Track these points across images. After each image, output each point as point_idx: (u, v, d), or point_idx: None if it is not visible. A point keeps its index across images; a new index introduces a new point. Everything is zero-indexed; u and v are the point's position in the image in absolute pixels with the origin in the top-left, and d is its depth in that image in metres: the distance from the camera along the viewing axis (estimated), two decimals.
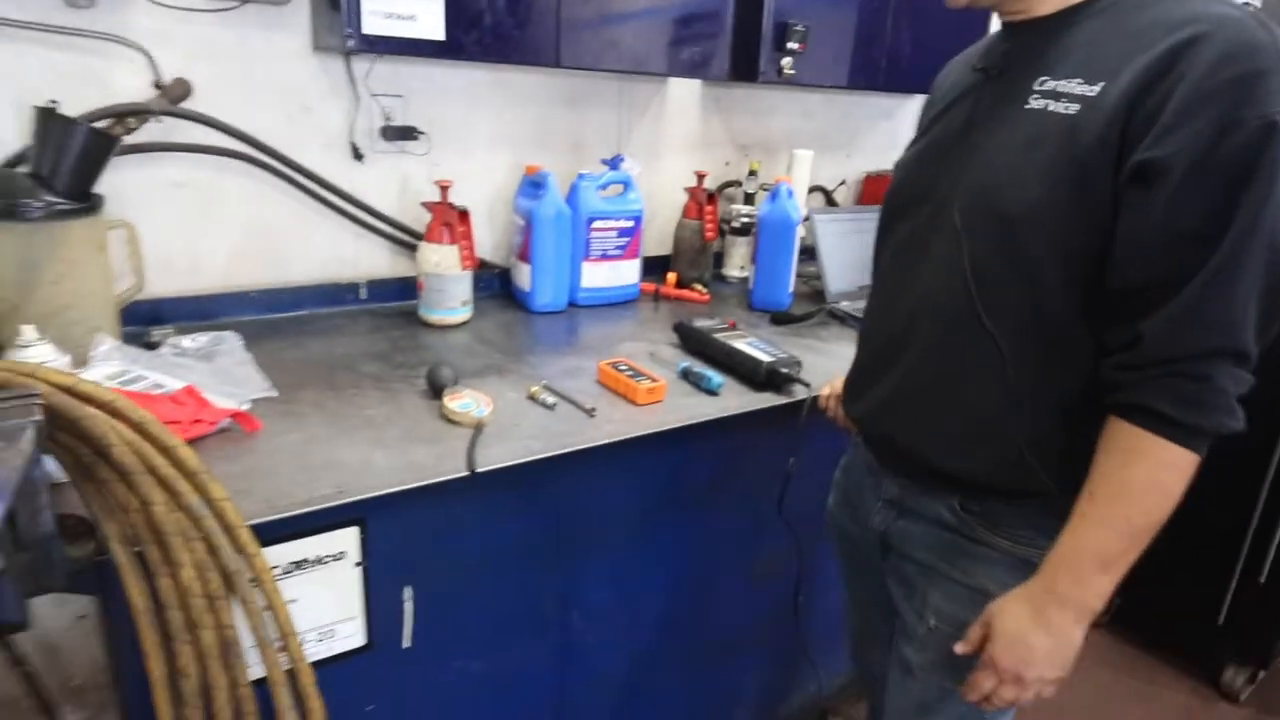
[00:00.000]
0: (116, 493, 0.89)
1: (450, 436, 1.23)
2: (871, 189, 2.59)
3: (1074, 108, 0.85)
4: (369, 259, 1.81)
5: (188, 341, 1.45)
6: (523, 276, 1.83)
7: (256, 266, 1.68)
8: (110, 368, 1.29)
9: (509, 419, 1.30)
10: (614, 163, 1.93)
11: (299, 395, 1.33)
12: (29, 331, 1.03)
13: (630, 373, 1.43)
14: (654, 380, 1.41)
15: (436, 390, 1.34)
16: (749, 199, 2.25)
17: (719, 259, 2.25)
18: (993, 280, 0.92)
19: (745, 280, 2.21)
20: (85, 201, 1.32)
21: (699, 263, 2.10)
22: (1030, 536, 1.00)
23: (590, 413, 1.34)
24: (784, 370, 1.49)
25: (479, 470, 1.14)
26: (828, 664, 1.81)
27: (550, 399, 1.36)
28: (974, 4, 0.97)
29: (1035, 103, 0.89)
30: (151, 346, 1.43)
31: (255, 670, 0.98)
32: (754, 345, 1.57)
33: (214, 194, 1.61)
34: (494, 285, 1.94)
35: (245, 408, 1.24)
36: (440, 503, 1.13)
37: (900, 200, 1.11)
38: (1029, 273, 0.90)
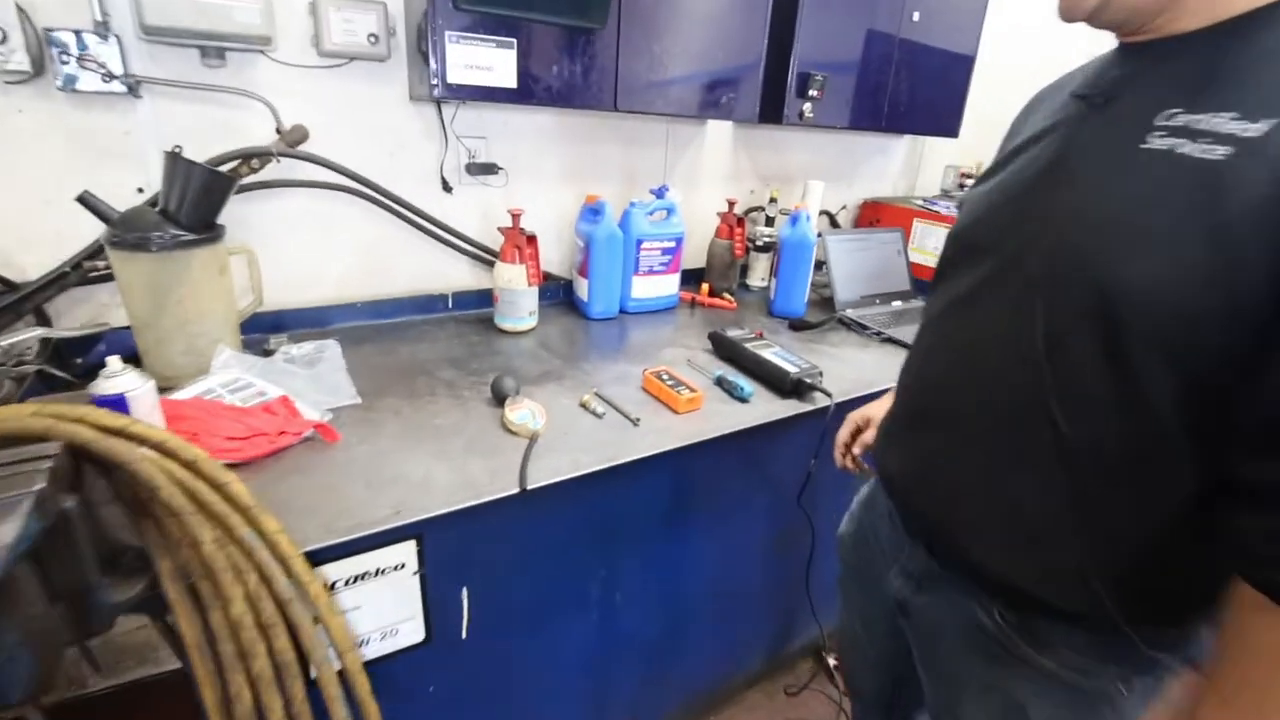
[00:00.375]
0: (170, 529, 0.64)
1: (507, 448, 0.95)
2: (868, 213, 2.21)
3: (1221, 152, 0.46)
4: (455, 273, 1.53)
5: (297, 350, 1.19)
6: (582, 289, 1.53)
7: (363, 280, 1.42)
8: (227, 375, 1.05)
9: (561, 428, 1.02)
10: (660, 192, 1.60)
11: (380, 402, 1.06)
12: (114, 363, 0.77)
13: (671, 382, 1.13)
14: (693, 391, 1.11)
15: (500, 399, 1.06)
16: (769, 221, 1.90)
17: (744, 271, 1.92)
18: (1073, 363, 0.54)
19: (766, 290, 1.88)
20: (207, 232, 1.06)
21: (728, 275, 1.77)
22: (1085, 663, 0.61)
23: (635, 422, 1.05)
24: (808, 380, 1.17)
25: (530, 488, 0.86)
26: (827, 616, 1.52)
27: (599, 408, 1.07)
28: (1095, 17, 0.56)
29: (1158, 142, 0.50)
30: (268, 354, 1.18)
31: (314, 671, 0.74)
32: (780, 355, 1.26)
33: (329, 221, 1.34)
34: (559, 295, 1.65)
35: (328, 419, 0.98)
36: (494, 514, 0.86)
37: (962, 245, 0.70)
38: (1127, 364, 0.51)
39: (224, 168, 1.16)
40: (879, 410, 0.93)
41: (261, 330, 1.27)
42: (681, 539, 1.18)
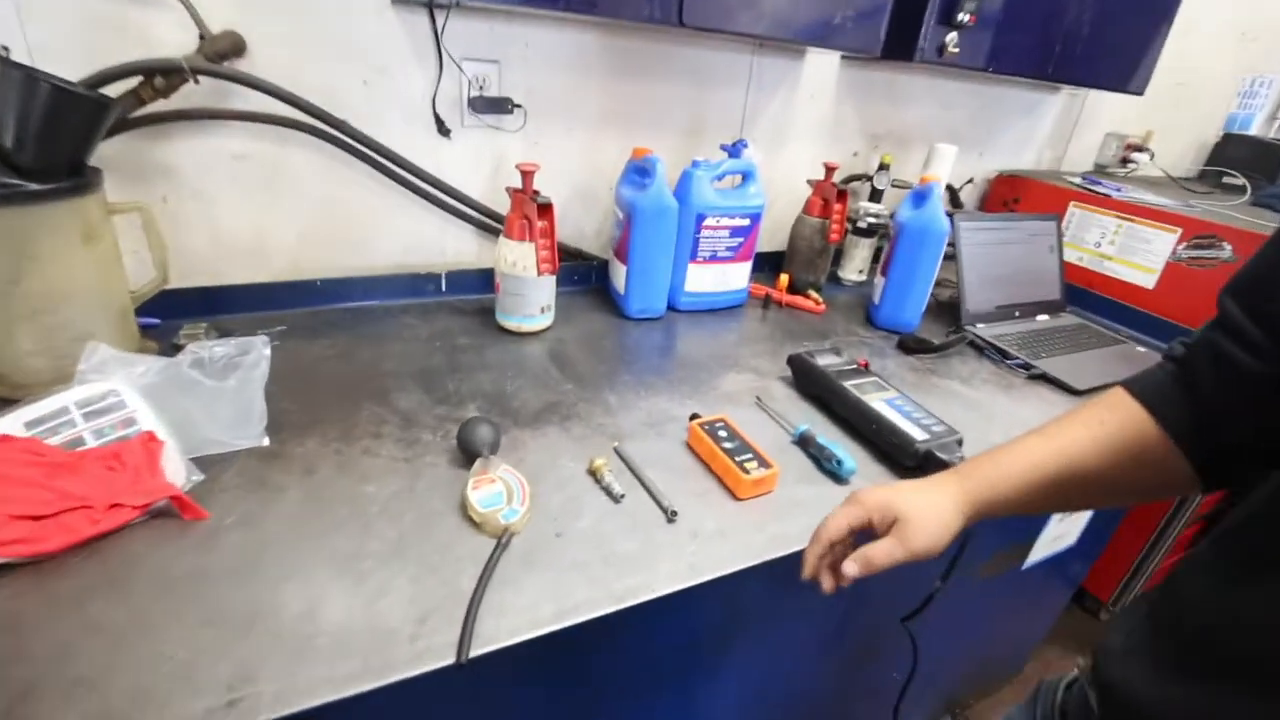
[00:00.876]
0: None
1: (462, 553, 0.60)
2: (1002, 191, 1.72)
3: None
4: (455, 245, 1.17)
5: (213, 349, 0.87)
6: (618, 276, 1.15)
7: (327, 251, 1.08)
8: (94, 389, 0.72)
9: (554, 516, 0.66)
10: (735, 149, 1.19)
11: (296, 445, 0.72)
12: None
13: (731, 443, 0.75)
14: (763, 464, 0.73)
15: (468, 455, 0.71)
16: (876, 195, 1.46)
17: (836, 259, 1.49)
18: None
19: (865, 287, 1.45)
20: (67, 180, 0.73)
21: (817, 266, 1.35)
22: None
23: (671, 516, 0.68)
24: (941, 455, 0.77)
25: (473, 656, 0.51)
26: None
27: (618, 484, 0.70)
28: None
29: None
30: (176, 349, 0.86)
31: None
32: (898, 408, 0.85)
33: (279, 170, 0.99)
34: (590, 279, 1.27)
35: (195, 482, 0.64)
36: (411, 698, 0.51)
37: None
38: None
39: (111, 88, 0.83)
40: (911, 503, 0.56)
41: (182, 314, 0.95)
42: (714, 684, 0.81)
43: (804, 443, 0.81)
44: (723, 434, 0.77)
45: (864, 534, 0.57)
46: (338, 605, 0.54)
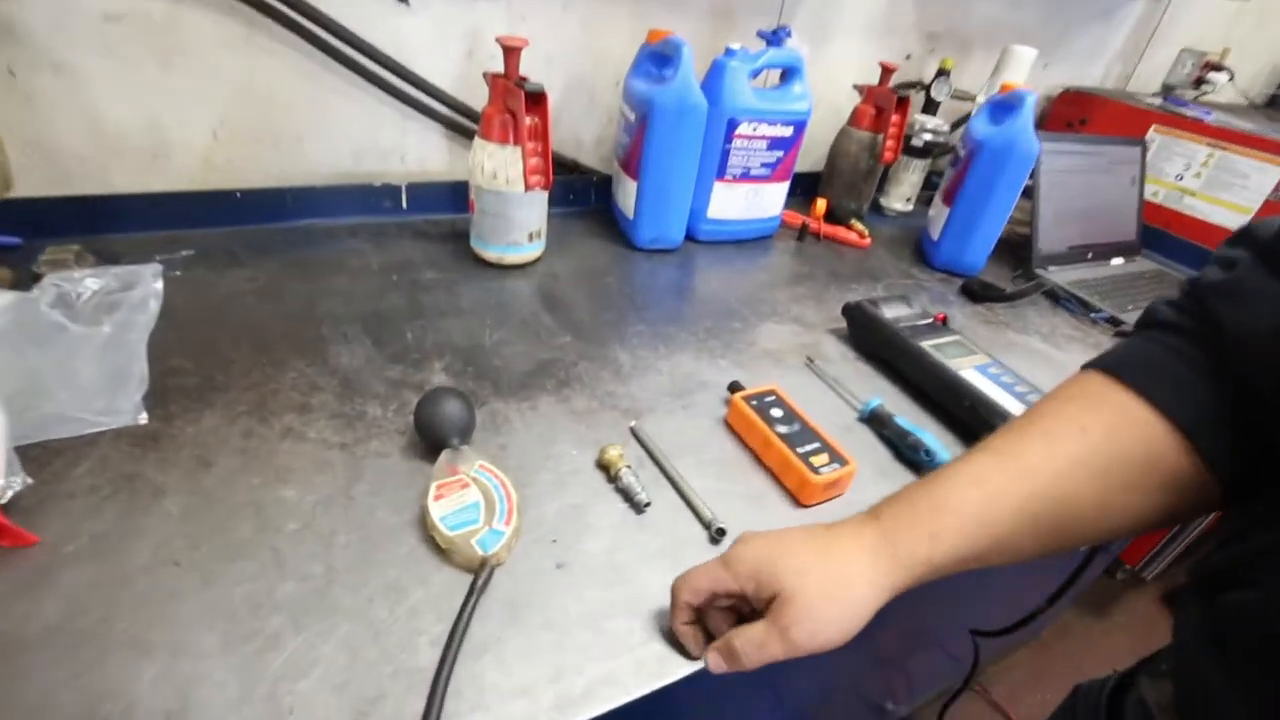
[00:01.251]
0: None
1: (417, 599, 0.41)
2: (1067, 109, 1.49)
3: None
4: (418, 150, 0.92)
5: (78, 284, 0.64)
6: (626, 195, 0.92)
7: (254, 153, 0.83)
8: None
9: (549, 536, 0.47)
10: (775, 38, 0.95)
11: (187, 426, 0.52)
12: None
13: (788, 429, 0.56)
14: (837, 460, 0.54)
15: (430, 442, 0.51)
16: (930, 107, 1.22)
17: (880, 185, 1.26)
18: None
19: (912, 219, 1.24)
20: None
21: (862, 191, 1.13)
22: None
23: (716, 535, 0.49)
24: None
25: None
26: None
27: (641, 491, 0.51)
28: None
29: None
30: (36, 279, 0.64)
31: None
32: (994, 378, 0.66)
33: (175, 37, 0.73)
34: (588, 199, 1.04)
35: (15, 488, 0.44)
36: None
37: None
38: None
39: None
40: (803, 576, 0.37)
41: (55, 232, 0.72)
42: None
43: (876, 421, 0.63)
44: (776, 413, 0.58)
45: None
46: (223, 697, 0.35)
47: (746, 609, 0.39)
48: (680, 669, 0.40)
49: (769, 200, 1.00)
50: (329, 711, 0.35)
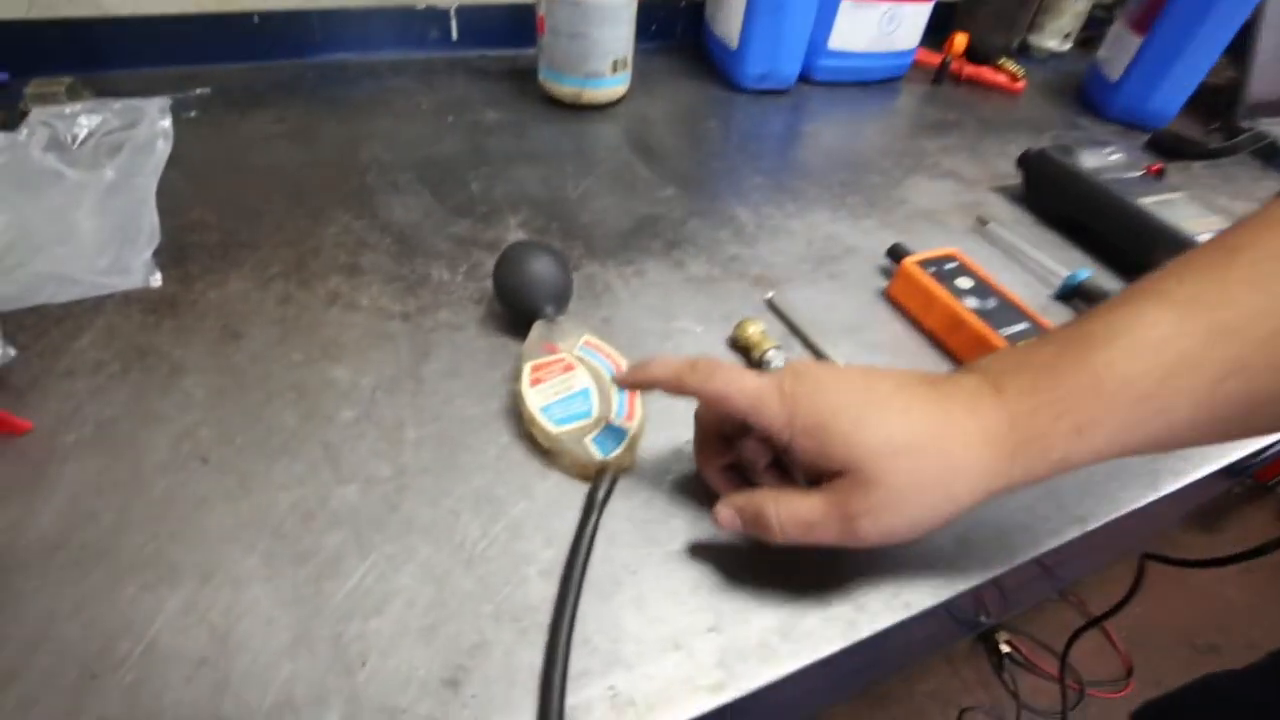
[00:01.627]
0: None
1: (516, 514, 0.31)
2: None
3: None
4: None
5: (71, 121, 0.52)
6: (729, 18, 0.74)
7: None
8: None
9: (683, 441, 0.35)
10: None
11: (209, 290, 0.41)
12: None
13: (981, 304, 0.42)
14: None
15: (517, 310, 0.39)
16: None
17: (1031, 23, 1.01)
18: None
19: (1062, 59, 1.01)
20: None
21: (1014, 22, 0.91)
22: None
23: None
24: None
25: None
26: None
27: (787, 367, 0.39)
28: None
29: None
30: (21, 118, 0.53)
31: None
32: None
33: None
34: (674, 31, 0.85)
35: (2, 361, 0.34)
36: None
37: None
38: None
39: None
40: (889, 443, 0.24)
41: (46, 66, 0.60)
42: None
43: (1083, 299, 0.48)
44: (964, 284, 0.44)
45: None
46: (273, 640, 0.26)
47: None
48: (904, 612, 0.29)
49: (904, 31, 0.80)
50: (414, 664, 0.26)
